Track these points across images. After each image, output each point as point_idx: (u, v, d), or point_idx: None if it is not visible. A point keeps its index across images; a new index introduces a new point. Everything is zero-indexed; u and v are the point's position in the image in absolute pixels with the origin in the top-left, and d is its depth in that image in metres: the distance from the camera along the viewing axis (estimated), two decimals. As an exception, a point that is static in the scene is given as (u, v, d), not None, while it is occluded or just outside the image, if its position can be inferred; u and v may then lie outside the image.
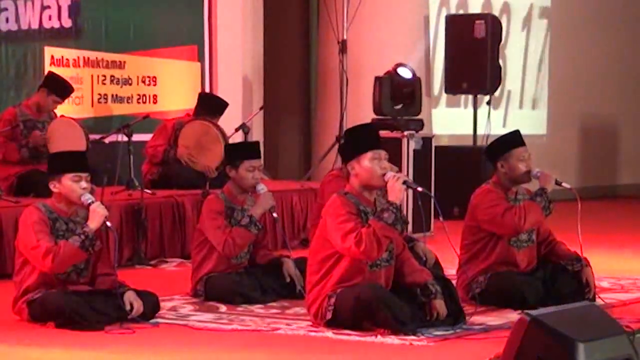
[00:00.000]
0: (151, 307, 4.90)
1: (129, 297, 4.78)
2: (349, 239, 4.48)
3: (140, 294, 4.86)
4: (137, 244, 6.98)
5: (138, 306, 4.77)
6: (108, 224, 4.79)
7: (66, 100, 7.58)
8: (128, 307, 4.75)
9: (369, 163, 4.61)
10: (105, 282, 4.89)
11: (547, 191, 5.26)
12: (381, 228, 4.46)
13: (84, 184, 4.77)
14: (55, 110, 7.48)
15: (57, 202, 4.83)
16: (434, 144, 9.11)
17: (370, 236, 4.45)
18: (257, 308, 5.31)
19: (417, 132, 8.89)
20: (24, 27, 8.18)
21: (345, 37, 9.87)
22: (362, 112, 9.50)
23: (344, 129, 9.19)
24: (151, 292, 5.01)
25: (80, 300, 4.68)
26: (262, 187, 5.52)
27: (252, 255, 5.67)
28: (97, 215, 4.71)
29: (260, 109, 9.40)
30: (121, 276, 5.02)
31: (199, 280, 5.50)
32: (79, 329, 4.61)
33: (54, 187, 4.82)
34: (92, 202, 4.75)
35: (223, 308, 5.29)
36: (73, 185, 4.76)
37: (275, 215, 5.66)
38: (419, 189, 4.80)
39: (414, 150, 8.73)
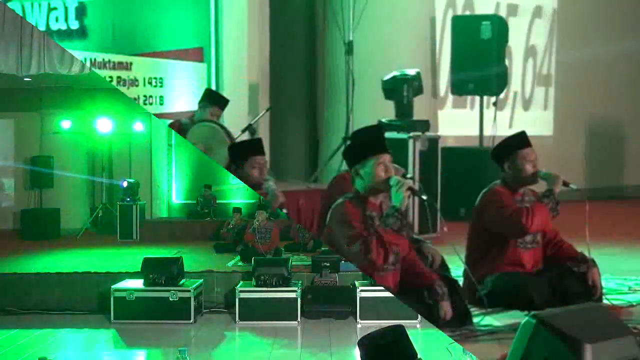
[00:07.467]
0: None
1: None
2: (354, 247, 4.47)
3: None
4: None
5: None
6: None
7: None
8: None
9: (374, 168, 4.59)
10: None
11: (555, 192, 5.24)
12: (387, 235, 4.46)
13: None
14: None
15: None
16: (440, 145, 9.11)
17: (376, 244, 4.44)
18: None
19: (423, 133, 8.89)
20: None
21: (351, 38, 9.87)
22: (368, 113, 9.51)
23: (351, 130, 9.20)
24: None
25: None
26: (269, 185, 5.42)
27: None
28: None
29: (267, 110, 9.41)
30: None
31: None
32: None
33: None
34: None
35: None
36: None
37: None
38: (424, 197, 4.76)
39: (420, 152, 8.72)
